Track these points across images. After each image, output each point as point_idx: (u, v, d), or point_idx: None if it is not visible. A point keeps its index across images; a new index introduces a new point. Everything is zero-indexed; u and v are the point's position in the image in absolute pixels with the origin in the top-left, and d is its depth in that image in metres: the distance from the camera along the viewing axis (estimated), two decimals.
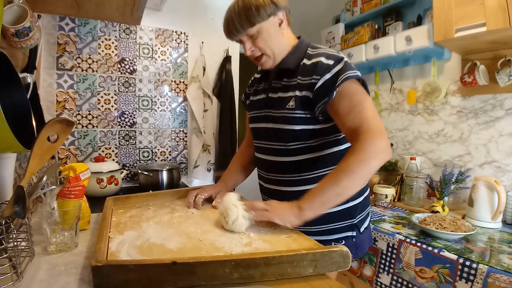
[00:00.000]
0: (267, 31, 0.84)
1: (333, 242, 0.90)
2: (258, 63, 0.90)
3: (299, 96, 0.83)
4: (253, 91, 1.03)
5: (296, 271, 0.55)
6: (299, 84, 0.84)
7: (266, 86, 0.97)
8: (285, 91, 0.88)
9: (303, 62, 0.86)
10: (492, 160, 1.47)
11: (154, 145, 1.89)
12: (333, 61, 0.81)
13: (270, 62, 0.88)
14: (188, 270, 0.50)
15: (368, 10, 1.98)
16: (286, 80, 0.89)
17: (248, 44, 0.85)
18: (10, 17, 0.91)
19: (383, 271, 1.23)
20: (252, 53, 0.86)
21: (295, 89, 0.85)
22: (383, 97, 2.02)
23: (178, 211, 0.89)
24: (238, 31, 0.83)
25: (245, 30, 0.83)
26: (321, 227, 0.89)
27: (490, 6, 1.15)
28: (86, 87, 1.68)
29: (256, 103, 0.99)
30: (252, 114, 1.01)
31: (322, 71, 0.80)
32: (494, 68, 1.37)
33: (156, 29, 1.85)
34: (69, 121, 0.76)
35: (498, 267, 0.90)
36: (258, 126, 0.97)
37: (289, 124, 0.85)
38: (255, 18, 0.81)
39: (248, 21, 0.81)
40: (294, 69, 0.87)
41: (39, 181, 0.70)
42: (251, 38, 0.85)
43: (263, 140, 0.95)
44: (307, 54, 0.87)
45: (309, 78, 0.82)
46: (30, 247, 0.62)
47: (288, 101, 0.85)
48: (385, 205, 1.56)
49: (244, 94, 1.11)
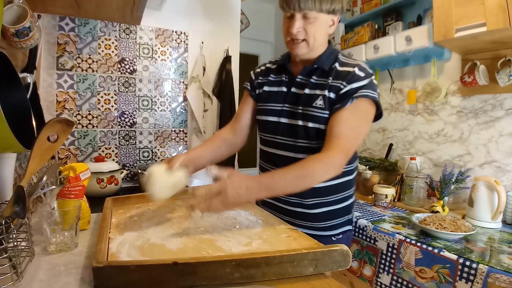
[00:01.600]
0: (321, 22, 0.85)
1: (333, 237, 0.97)
2: (292, 45, 0.89)
3: (327, 96, 0.86)
4: (267, 82, 1.00)
5: (297, 271, 0.55)
6: (329, 85, 0.87)
7: (286, 80, 0.96)
8: (313, 89, 0.89)
9: (334, 65, 0.89)
10: (492, 160, 1.47)
11: (154, 145, 1.89)
12: (364, 74, 0.86)
13: (304, 50, 0.88)
14: (189, 270, 0.50)
15: (368, 10, 1.98)
16: (315, 78, 0.90)
17: (298, 23, 0.84)
18: (10, 17, 0.91)
19: (383, 271, 1.23)
20: (298, 33, 0.85)
21: (324, 88, 0.87)
22: (383, 97, 2.02)
23: (178, 211, 0.89)
24: (304, 6, 0.81)
25: (309, 9, 0.82)
26: (326, 223, 0.95)
27: (490, 6, 1.15)
28: (86, 87, 1.68)
29: (272, 95, 0.97)
30: (265, 106, 0.98)
31: (352, 80, 0.85)
32: (494, 68, 1.37)
33: (156, 29, 1.85)
34: (69, 121, 0.76)
35: (498, 267, 0.90)
36: (276, 120, 0.95)
37: (316, 122, 0.87)
38: (326, 5, 0.82)
39: (319, 4, 0.81)
40: (327, 70, 0.90)
41: (39, 181, 0.70)
42: (304, 19, 0.84)
43: (280, 135, 0.94)
44: (338, 60, 0.91)
45: (339, 82, 0.86)
46: (30, 247, 0.62)
47: (316, 98, 0.87)
48: (385, 205, 1.56)
49: (252, 82, 1.05)
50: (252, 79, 1.05)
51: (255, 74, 1.05)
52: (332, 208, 0.95)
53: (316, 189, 0.89)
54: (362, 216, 1.42)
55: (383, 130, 2.03)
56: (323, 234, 0.95)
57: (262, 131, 1.01)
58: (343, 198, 0.96)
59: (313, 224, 0.95)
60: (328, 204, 0.94)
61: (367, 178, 1.76)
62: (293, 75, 0.95)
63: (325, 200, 0.94)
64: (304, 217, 0.95)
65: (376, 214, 1.46)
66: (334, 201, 0.95)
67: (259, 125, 1.03)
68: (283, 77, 0.97)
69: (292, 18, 0.85)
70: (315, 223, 0.95)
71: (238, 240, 0.68)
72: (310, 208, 0.94)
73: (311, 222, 0.95)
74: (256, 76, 1.04)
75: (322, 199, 0.94)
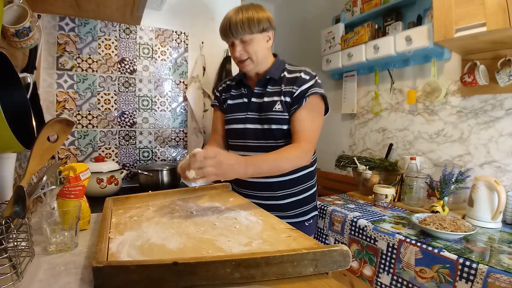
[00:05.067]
0: (257, 41, 1.02)
1: (306, 222, 1.15)
2: (240, 64, 1.06)
3: (284, 100, 1.03)
4: (230, 96, 1.17)
5: (297, 271, 0.55)
6: (283, 91, 1.04)
7: (245, 92, 1.13)
8: (270, 96, 1.06)
9: (283, 74, 1.08)
10: (492, 160, 1.47)
11: (154, 145, 1.89)
12: (309, 77, 1.04)
13: (251, 66, 1.05)
14: (190, 270, 0.50)
15: (368, 10, 1.98)
16: (270, 87, 1.08)
17: (239, 47, 1.02)
18: (10, 17, 0.91)
19: (383, 271, 1.23)
20: (241, 55, 1.03)
21: (280, 94, 1.04)
22: (383, 97, 2.02)
23: (178, 211, 0.89)
24: (236, 34, 0.99)
25: (243, 35, 0.99)
26: (296, 210, 1.13)
27: (490, 6, 1.15)
28: (86, 87, 1.68)
29: (235, 106, 1.14)
30: (231, 116, 1.14)
31: (300, 84, 1.02)
32: (494, 68, 1.37)
33: (156, 29, 1.85)
34: (69, 121, 0.76)
35: (498, 267, 0.90)
36: (242, 127, 1.11)
37: (279, 124, 1.04)
38: (255, 28, 0.99)
39: (249, 29, 0.99)
40: (278, 79, 1.07)
41: (39, 181, 0.70)
42: (242, 43, 1.02)
43: (248, 139, 1.10)
44: (286, 69, 1.09)
45: (290, 87, 1.03)
46: (30, 247, 0.61)
47: (274, 104, 1.04)
48: (385, 205, 1.56)
49: (218, 99, 1.22)
50: (218, 96, 1.22)
51: (219, 92, 1.23)
52: (299, 198, 1.13)
53: (283, 181, 1.09)
54: (362, 216, 1.42)
55: (383, 130, 2.03)
56: (296, 221, 1.13)
57: (230, 137, 1.18)
58: (307, 188, 1.15)
59: (285, 213, 1.12)
60: (295, 194, 1.12)
61: (367, 178, 1.76)
62: (251, 88, 1.12)
63: (292, 191, 1.11)
64: (277, 208, 1.11)
65: (376, 214, 1.46)
66: (300, 191, 1.13)
67: (227, 133, 1.18)
68: (243, 90, 1.14)
69: (233, 45, 1.03)
70: (287, 212, 1.12)
71: (238, 240, 0.67)
72: (280, 199, 1.11)
73: (283, 211, 1.12)
74: (220, 93, 1.22)
75: (289, 190, 1.11)
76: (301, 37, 2.83)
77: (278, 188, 1.10)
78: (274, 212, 1.04)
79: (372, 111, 2.07)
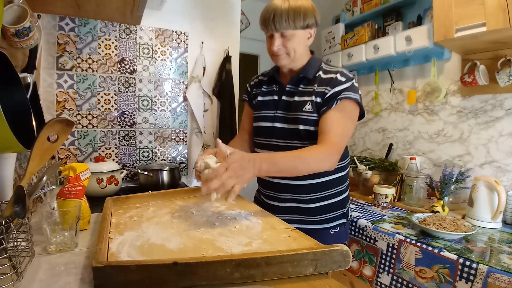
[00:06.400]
0: (298, 37, 0.95)
1: (331, 229, 1.06)
2: (275, 57, 0.98)
3: (315, 101, 0.96)
4: (260, 92, 1.11)
5: (297, 271, 0.55)
6: (315, 91, 0.97)
7: (277, 89, 1.07)
8: (301, 96, 0.99)
9: (318, 73, 1.00)
10: (492, 160, 1.47)
11: (154, 145, 1.89)
12: (345, 79, 0.95)
13: (286, 61, 0.98)
14: (190, 270, 0.50)
15: (368, 10, 1.98)
16: (302, 87, 1.01)
17: (278, 41, 0.94)
18: (10, 17, 0.91)
19: (383, 271, 1.23)
20: (278, 50, 0.95)
21: (311, 95, 0.97)
22: (383, 97, 2.02)
23: (178, 211, 0.89)
24: (280, 27, 0.92)
25: (285, 29, 0.92)
26: (322, 216, 1.04)
27: (490, 6, 1.15)
28: (86, 87, 1.68)
29: (265, 103, 1.08)
30: (260, 113, 1.08)
31: (335, 85, 0.94)
32: (494, 68, 1.37)
33: (156, 29, 1.85)
34: (69, 121, 0.76)
35: (498, 267, 0.90)
36: (270, 125, 1.04)
37: (306, 125, 0.97)
38: (299, 22, 0.92)
39: (293, 23, 0.91)
40: (312, 78, 1.00)
41: (39, 181, 0.70)
42: (282, 37, 0.94)
43: (275, 138, 1.04)
44: (322, 68, 1.01)
45: (324, 88, 0.96)
46: (30, 247, 0.61)
47: (305, 104, 0.97)
48: (385, 205, 1.56)
49: (248, 94, 1.17)
50: (249, 91, 1.17)
51: (250, 86, 1.17)
52: (327, 203, 1.04)
53: (311, 185, 1.01)
54: (362, 216, 1.42)
55: (383, 130, 2.03)
56: (320, 227, 1.04)
57: (257, 135, 1.11)
58: (337, 193, 1.06)
59: (309, 218, 1.04)
60: (323, 199, 1.03)
61: (367, 178, 1.76)
62: (283, 85, 1.05)
63: (320, 195, 1.03)
64: (302, 211, 1.04)
65: (376, 214, 1.46)
66: (328, 195, 1.04)
67: (254, 130, 1.12)
68: (274, 87, 1.08)
69: (272, 37, 0.95)
70: (312, 217, 1.04)
71: (238, 240, 0.68)
72: (307, 203, 1.03)
73: (308, 216, 1.04)
74: (251, 88, 1.16)
75: (317, 194, 1.03)
76: None
77: (305, 191, 1.02)
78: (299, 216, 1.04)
79: (372, 111, 2.07)
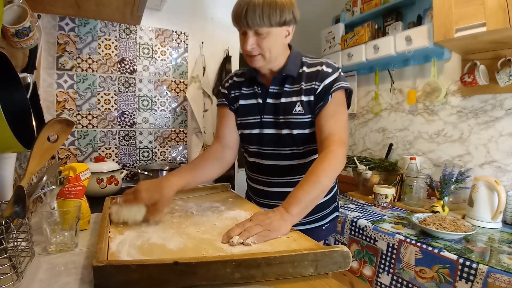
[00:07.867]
0: (275, 36, 0.84)
1: (323, 226, 1.03)
2: (249, 58, 0.88)
3: (305, 101, 0.89)
4: (241, 94, 0.99)
5: (297, 271, 0.55)
6: (303, 90, 0.89)
7: (259, 91, 0.96)
8: (288, 96, 0.91)
9: (302, 69, 0.91)
10: (492, 160, 1.47)
11: (154, 145, 1.89)
12: (332, 69, 0.89)
13: (261, 63, 0.88)
14: (190, 270, 0.50)
15: (368, 10, 1.98)
16: (288, 86, 0.92)
17: (251, 40, 0.83)
18: (10, 17, 0.91)
19: (383, 271, 1.23)
20: (252, 50, 0.84)
21: (299, 94, 0.89)
22: (383, 97, 2.02)
23: (177, 211, 0.89)
24: (252, 23, 0.80)
25: (259, 26, 0.80)
26: (314, 216, 1.00)
27: (490, 6, 1.15)
28: (86, 87, 1.68)
29: (249, 107, 0.97)
30: (245, 120, 0.98)
31: (323, 78, 0.88)
32: (494, 68, 1.37)
33: (156, 29, 1.85)
34: (69, 121, 0.76)
35: (498, 267, 0.90)
36: (258, 132, 0.96)
37: (300, 128, 0.90)
38: (275, 19, 0.80)
39: (268, 19, 0.80)
40: (296, 76, 0.91)
41: (39, 181, 0.70)
42: (257, 35, 0.83)
43: (265, 146, 0.96)
44: (305, 63, 0.92)
45: (312, 83, 0.88)
46: (30, 247, 0.61)
47: (294, 105, 0.90)
48: (385, 205, 1.56)
49: (226, 97, 1.02)
50: (226, 94, 1.02)
51: (227, 89, 1.03)
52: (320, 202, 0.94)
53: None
54: (362, 216, 1.42)
55: (383, 130, 2.03)
56: (313, 226, 1.01)
57: (246, 143, 1.02)
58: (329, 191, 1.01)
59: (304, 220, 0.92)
60: None
61: (367, 178, 1.76)
62: (266, 86, 0.94)
63: None
64: None
65: (376, 214, 1.46)
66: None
67: (242, 138, 1.02)
68: (256, 89, 0.97)
69: (245, 35, 0.84)
70: (306, 218, 0.97)
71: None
72: None
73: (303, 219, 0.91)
74: (228, 91, 1.02)
75: None
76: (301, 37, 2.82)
77: None
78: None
79: (372, 111, 2.07)
